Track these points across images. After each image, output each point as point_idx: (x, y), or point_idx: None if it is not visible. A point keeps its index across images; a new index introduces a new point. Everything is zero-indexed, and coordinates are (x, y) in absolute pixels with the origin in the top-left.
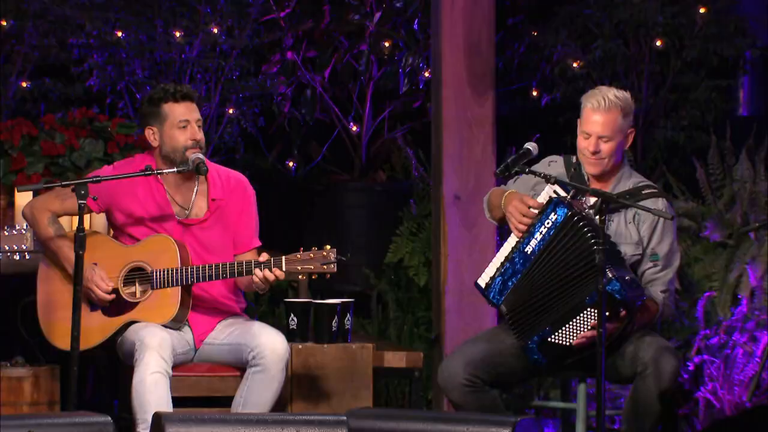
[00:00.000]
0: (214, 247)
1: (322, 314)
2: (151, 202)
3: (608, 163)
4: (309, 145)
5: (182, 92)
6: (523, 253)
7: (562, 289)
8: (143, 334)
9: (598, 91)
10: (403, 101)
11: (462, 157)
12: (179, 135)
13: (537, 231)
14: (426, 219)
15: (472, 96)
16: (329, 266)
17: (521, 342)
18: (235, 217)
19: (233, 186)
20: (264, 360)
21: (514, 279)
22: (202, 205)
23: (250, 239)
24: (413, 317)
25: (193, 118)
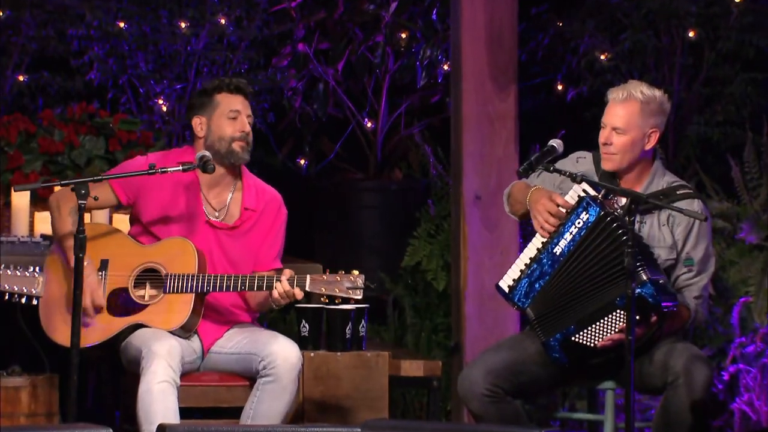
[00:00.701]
0: (236, 256)
1: (336, 320)
2: (182, 199)
3: (621, 160)
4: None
5: (237, 85)
6: (551, 254)
7: (592, 289)
8: (151, 341)
9: (626, 84)
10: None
11: (483, 154)
12: (227, 125)
13: (567, 231)
14: (445, 220)
15: (494, 90)
16: (355, 292)
17: (543, 338)
18: (263, 232)
19: (267, 200)
20: (275, 370)
21: (541, 281)
22: (235, 213)
23: (272, 259)
24: (431, 324)
25: (244, 111)
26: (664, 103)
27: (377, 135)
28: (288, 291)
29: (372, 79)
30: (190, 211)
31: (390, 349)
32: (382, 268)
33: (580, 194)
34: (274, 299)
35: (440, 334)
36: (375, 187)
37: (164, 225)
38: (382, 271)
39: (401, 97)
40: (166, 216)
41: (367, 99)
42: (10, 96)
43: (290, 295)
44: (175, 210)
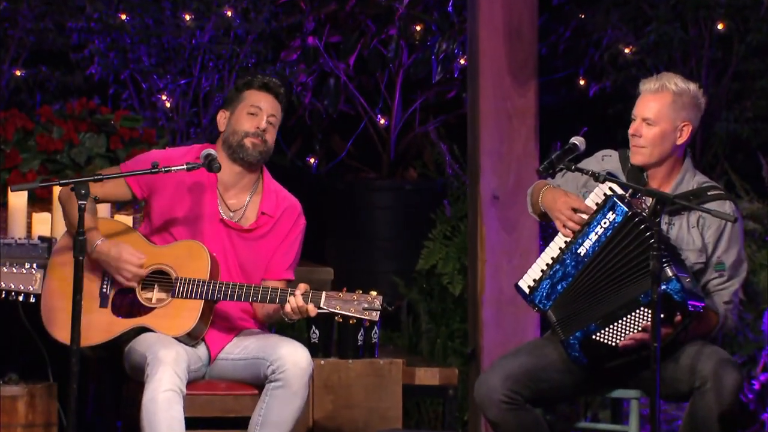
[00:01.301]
0: (247, 260)
1: (347, 327)
2: (197, 196)
3: (651, 153)
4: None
5: (266, 82)
6: (575, 255)
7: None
8: (157, 346)
9: (660, 74)
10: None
11: (501, 152)
12: (245, 120)
13: (592, 231)
14: (461, 221)
15: (513, 85)
16: (371, 313)
17: (563, 336)
18: (277, 240)
19: (286, 207)
20: (285, 374)
21: (564, 283)
22: (251, 216)
23: (284, 269)
24: (447, 330)
25: (266, 110)
26: (699, 98)
27: (391, 132)
28: (301, 306)
29: (385, 73)
30: (203, 209)
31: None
32: (396, 272)
33: (606, 192)
34: (286, 313)
35: (456, 341)
36: (388, 187)
37: (176, 221)
38: (396, 275)
39: (416, 93)
40: (179, 213)
41: (380, 95)
42: (7, 91)
43: (303, 311)
44: (189, 207)
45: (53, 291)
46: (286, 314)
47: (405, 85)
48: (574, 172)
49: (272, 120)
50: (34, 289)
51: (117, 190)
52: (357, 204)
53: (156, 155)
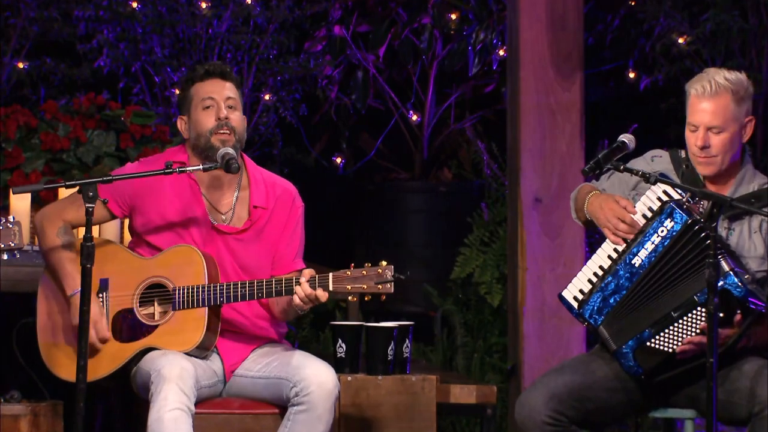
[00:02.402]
0: (249, 263)
1: (376, 340)
2: (182, 204)
3: (723, 161)
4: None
5: (207, 70)
6: (629, 266)
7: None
8: (160, 363)
9: (704, 74)
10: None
11: (543, 151)
12: (203, 117)
13: (648, 240)
14: (500, 226)
15: (556, 78)
16: (385, 286)
17: (614, 346)
18: (277, 231)
19: (279, 195)
20: (309, 397)
21: (617, 296)
22: (242, 214)
23: (291, 260)
24: (485, 344)
25: (220, 96)
26: (749, 86)
27: (423, 130)
28: (310, 294)
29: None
30: (192, 219)
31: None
32: (429, 281)
33: (661, 197)
34: (296, 305)
35: (495, 356)
36: (421, 189)
37: (165, 236)
38: (429, 284)
39: (451, 87)
40: (167, 226)
41: (412, 89)
42: (9, 85)
43: (313, 299)
44: (176, 218)
45: (46, 328)
46: (296, 306)
47: (439, 79)
48: (623, 173)
49: (231, 102)
50: (16, 244)
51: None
52: (387, 207)
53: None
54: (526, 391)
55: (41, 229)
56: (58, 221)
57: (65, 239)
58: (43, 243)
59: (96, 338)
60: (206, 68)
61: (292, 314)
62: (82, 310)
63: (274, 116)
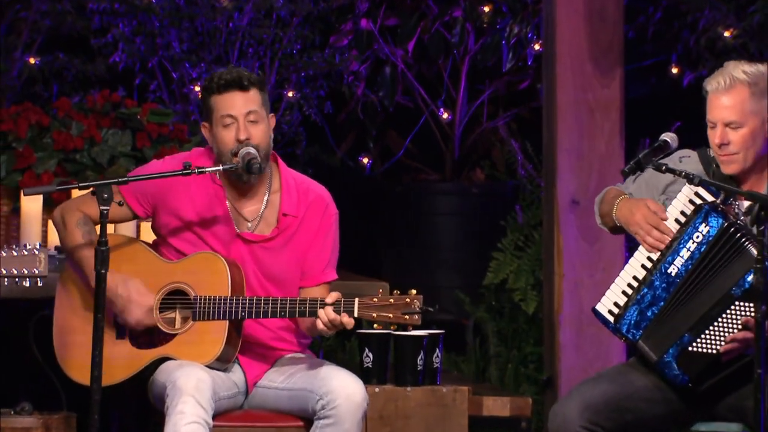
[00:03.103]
0: (277, 273)
1: (405, 349)
2: (207, 208)
3: (745, 158)
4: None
5: (225, 81)
6: (665, 276)
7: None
8: (177, 374)
9: (722, 68)
10: (506, 81)
11: (581, 151)
12: (224, 135)
13: (683, 247)
14: (535, 229)
15: (595, 74)
16: (412, 317)
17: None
18: (307, 240)
19: (311, 201)
20: (336, 410)
21: (654, 308)
22: (271, 220)
23: (321, 271)
24: (519, 353)
25: (239, 112)
26: None
27: (455, 128)
28: (334, 320)
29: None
30: (216, 227)
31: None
32: (461, 287)
33: (693, 199)
34: (320, 329)
35: (530, 366)
36: (452, 190)
37: (186, 241)
38: (461, 291)
39: (483, 83)
40: (187, 230)
41: (443, 85)
42: (20, 82)
43: (337, 324)
44: (196, 224)
45: (63, 327)
46: (320, 331)
47: (471, 74)
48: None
49: (253, 117)
50: (40, 272)
51: (115, 209)
52: (416, 210)
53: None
54: (560, 401)
55: (60, 222)
56: (77, 213)
57: (84, 231)
58: (64, 235)
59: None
60: (224, 79)
61: (316, 333)
62: (97, 317)
63: (298, 114)
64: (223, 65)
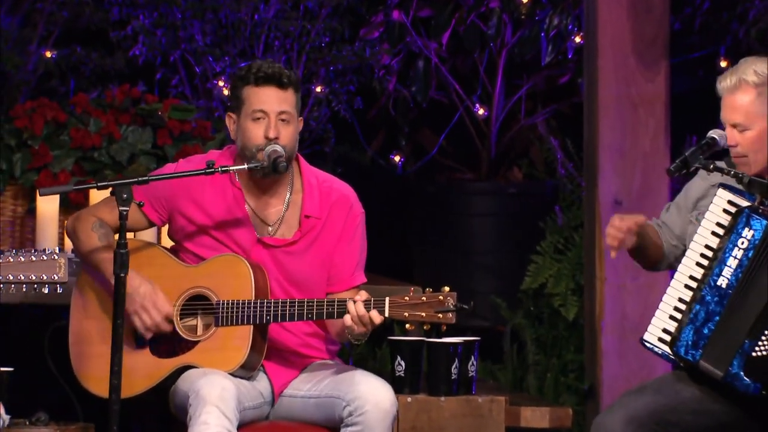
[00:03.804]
0: (301, 279)
1: (439, 357)
2: (225, 213)
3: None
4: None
5: (264, 74)
6: (715, 289)
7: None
8: (200, 384)
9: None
10: (545, 75)
11: (624, 149)
12: (252, 129)
13: (729, 256)
14: (576, 231)
15: (639, 68)
16: (446, 315)
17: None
18: (332, 242)
19: (334, 201)
20: (364, 417)
21: (710, 324)
22: (293, 223)
23: (350, 275)
24: (559, 362)
25: (272, 109)
26: None
27: (491, 125)
28: (362, 315)
29: (485, 54)
30: (235, 232)
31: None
32: (497, 292)
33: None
34: (348, 327)
35: (570, 375)
36: (488, 191)
37: (207, 249)
38: (497, 296)
39: (521, 78)
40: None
41: (479, 80)
42: (35, 77)
43: (366, 321)
44: (215, 229)
45: (79, 336)
46: (348, 329)
47: (508, 69)
48: (711, 173)
49: (285, 117)
50: (59, 278)
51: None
52: (450, 211)
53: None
54: (602, 413)
55: (73, 229)
56: (91, 218)
57: (101, 234)
58: (78, 243)
59: (159, 317)
60: (264, 72)
61: (346, 339)
62: (116, 324)
63: (326, 110)
64: (248, 59)
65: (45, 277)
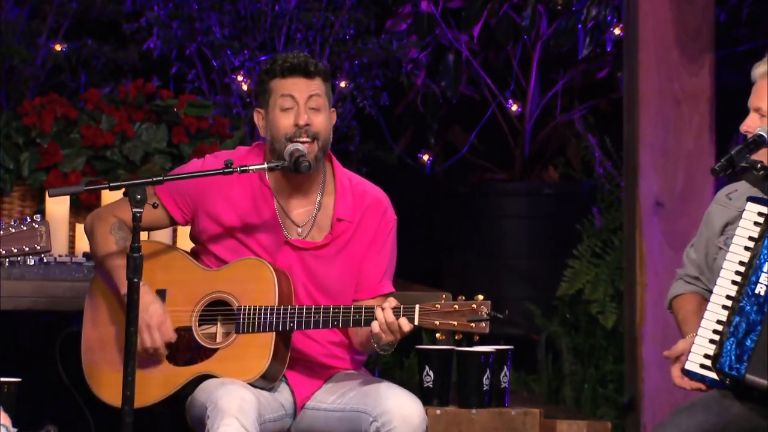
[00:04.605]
0: (330, 284)
1: (470, 367)
2: (252, 211)
3: None
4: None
5: (290, 65)
6: (753, 298)
7: None
8: (218, 394)
9: None
10: (583, 70)
11: (667, 147)
12: (281, 119)
13: (765, 262)
14: (615, 234)
15: (682, 61)
16: (479, 325)
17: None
18: (362, 248)
19: (368, 205)
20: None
21: (753, 335)
22: (324, 225)
23: (378, 282)
24: (597, 372)
25: (301, 97)
26: None
27: (525, 122)
28: (391, 323)
29: (518, 47)
30: (260, 231)
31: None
32: (531, 298)
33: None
34: (376, 335)
35: (609, 387)
36: (522, 191)
37: (229, 248)
38: (531, 302)
39: (557, 72)
40: (230, 237)
41: (512, 74)
42: (44, 71)
43: (394, 329)
44: (240, 230)
45: (92, 343)
46: (375, 336)
47: (543, 62)
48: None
49: (315, 103)
50: (42, 246)
51: (150, 213)
52: (482, 212)
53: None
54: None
55: (91, 230)
56: (110, 218)
57: (119, 236)
58: (94, 245)
59: (160, 342)
60: (289, 63)
61: (370, 349)
62: (129, 331)
63: (351, 107)
64: (268, 52)
65: (26, 248)
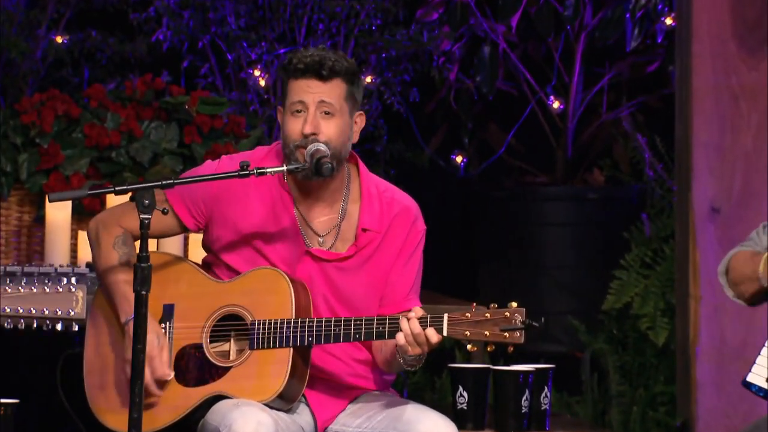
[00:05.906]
0: (352, 298)
1: (507, 387)
2: (271, 218)
3: None
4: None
5: (304, 65)
6: None
7: None
8: (233, 417)
9: None
10: (631, 63)
11: (723, 147)
12: (291, 124)
13: None
14: (666, 243)
15: (740, 54)
16: (513, 334)
17: None
18: (389, 260)
19: (396, 214)
20: None
21: None
22: (348, 235)
23: (404, 297)
24: (647, 393)
25: (312, 100)
26: None
27: (568, 120)
28: (417, 334)
29: (560, 39)
30: (279, 240)
31: (586, 430)
32: (575, 312)
33: None
34: (401, 347)
35: (660, 409)
36: (565, 195)
37: (247, 260)
38: (575, 317)
39: (603, 66)
40: (246, 245)
41: (554, 69)
42: (44, 65)
43: (421, 340)
44: (257, 238)
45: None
46: (401, 350)
47: (588, 55)
48: None
49: (327, 108)
50: (76, 314)
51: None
52: (521, 218)
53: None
54: None
55: (95, 239)
56: (116, 229)
57: (122, 251)
58: (97, 256)
59: (151, 379)
60: (303, 62)
61: (396, 367)
62: (136, 348)
63: (378, 104)
64: (287, 45)
65: (59, 312)
